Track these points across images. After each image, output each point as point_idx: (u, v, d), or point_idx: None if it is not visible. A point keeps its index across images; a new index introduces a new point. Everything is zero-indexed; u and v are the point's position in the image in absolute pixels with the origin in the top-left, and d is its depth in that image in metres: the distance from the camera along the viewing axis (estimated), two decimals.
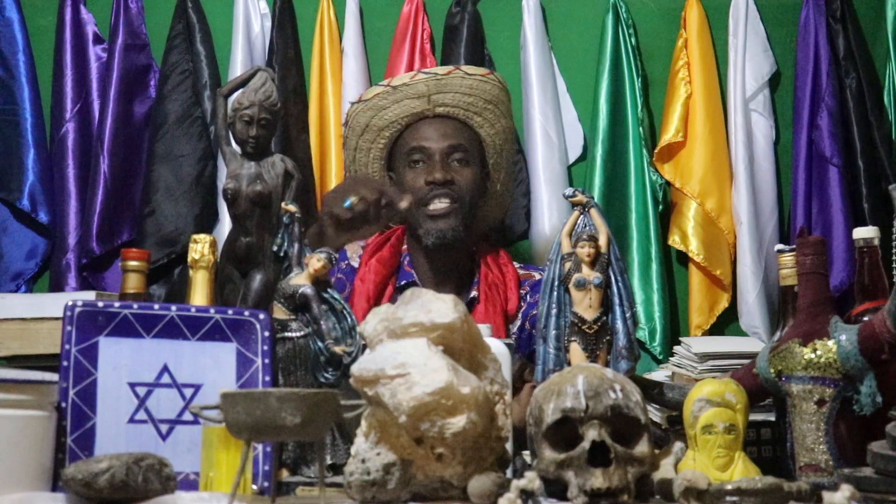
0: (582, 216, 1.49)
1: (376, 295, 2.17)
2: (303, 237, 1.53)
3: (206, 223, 2.83)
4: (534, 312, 2.15)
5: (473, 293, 2.20)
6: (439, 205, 2.16)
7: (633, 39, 2.91)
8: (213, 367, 1.41)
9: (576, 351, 1.44)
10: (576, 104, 2.96)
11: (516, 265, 2.31)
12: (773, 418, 1.57)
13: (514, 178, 2.38)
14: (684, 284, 2.90)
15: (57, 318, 1.44)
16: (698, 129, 2.86)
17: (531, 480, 1.13)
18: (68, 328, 1.36)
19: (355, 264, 2.25)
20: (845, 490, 1.07)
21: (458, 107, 2.21)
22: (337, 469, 1.40)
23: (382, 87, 2.23)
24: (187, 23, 2.92)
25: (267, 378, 1.42)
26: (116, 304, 1.40)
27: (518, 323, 2.21)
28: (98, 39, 2.96)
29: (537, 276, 2.26)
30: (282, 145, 2.68)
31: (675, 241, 2.85)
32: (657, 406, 1.62)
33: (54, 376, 1.29)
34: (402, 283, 2.21)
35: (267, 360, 1.42)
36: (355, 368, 1.21)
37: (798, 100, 2.88)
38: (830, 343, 1.38)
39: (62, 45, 2.94)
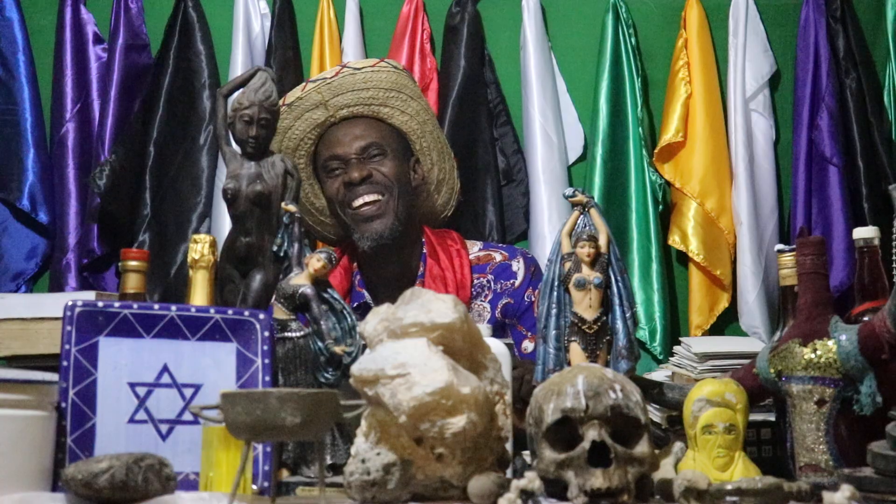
0: (582, 216, 1.49)
1: None
2: (303, 237, 1.53)
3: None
4: (505, 301, 2.13)
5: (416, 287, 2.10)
6: (365, 201, 2.09)
7: (633, 39, 2.91)
8: (213, 367, 1.41)
9: (576, 351, 1.44)
10: (576, 104, 2.96)
11: (476, 246, 2.22)
12: (773, 418, 1.57)
13: (452, 159, 2.26)
14: (684, 284, 2.90)
15: (57, 318, 1.44)
16: (698, 129, 2.86)
17: (531, 480, 1.13)
18: (68, 328, 1.35)
19: None
20: (845, 490, 1.07)
21: (360, 104, 2.13)
22: (337, 469, 1.40)
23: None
24: (187, 22, 2.92)
25: (267, 378, 1.42)
26: (116, 304, 1.40)
27: (487, 315, 2.12)
28: (98, 39, 2.96)
29: (498, 259, 2.18)
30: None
31: (675, 241, 2.85)
32: (657, 406, 1.62)
33: (54, 376, 1.29)
34: (355, 304, 2.14)
35: (267, 360, 1.42)
36: (355, 368, 1.21)
37: (798, 100, 2.88)
38: (830, 343, 1.38)
39: (62, 45, 2.94)
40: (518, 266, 2.17)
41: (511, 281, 2.15)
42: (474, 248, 2.21)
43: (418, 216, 2.22)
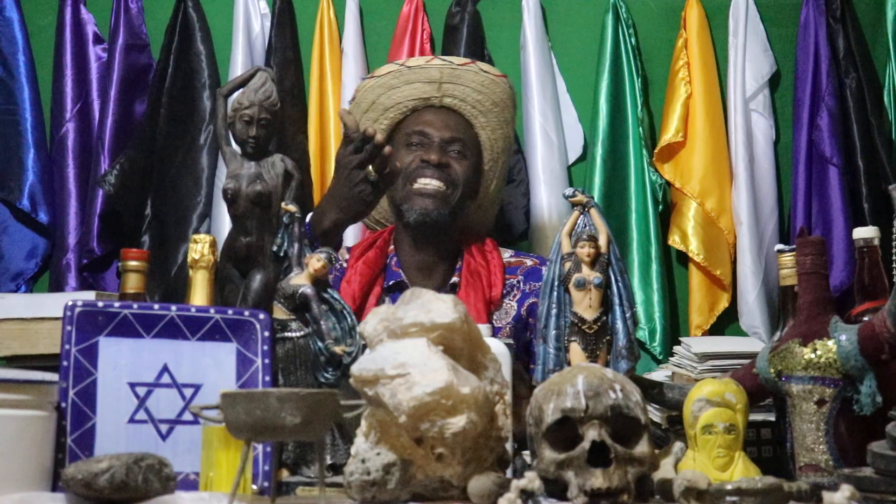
0: (582, 216, 1.49)
1: (362, 296, 2.14)
2: (303, 237, 1.53)
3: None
4: (532, 300, 2.16)
5: (454, 279, 2.18)
6: (429, 185, 2.13)
7: (633, 39, 2.91)
8: (213, 367, 1.41)
9: (576, 351, 1.44)
10: (576, 104, 2.96)
11: (508, 252, 2.28)
12: (773, 418, 1.57)
13: (504, 191, 2.36)
14: (684, 284, 2.90)
15: (57, 318, 1.44)
16: (698, 129, 2.86)
17: (531, 480, 1.13)
18: (68, 328, 1.35)
19: (343, 264, 2.22)
20: (845, 490, 1.07)
21: (466, 101, 2.20)
22: (337, 469, 1.40)
23: (397, 65, 2.22)
24: (187, 23, 2.92)
25: (267, 378, 1.42)
26: (116, 304, 1.40)
27: (513, 312, 2.17)
28: (98, 39, 2.96)
29: (529, 263, 2.24)
30: (278, 146, 2.68)
31: (675, 241, 2.85)
32: (657, 406, 1.62)
33: (54, 376, 1.29)
34: (391, 282, 2.19)
35: (267, 360, 1.42)
36: (355, 368, 1.21)
37: (798, 100, 2.88)
38: (830, 343, 1.38)
39: (62, 45, 2.94)
40: None
41: (540, 283, 2.17)
42: (506, 254, 2.27)
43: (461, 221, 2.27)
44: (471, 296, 2.12)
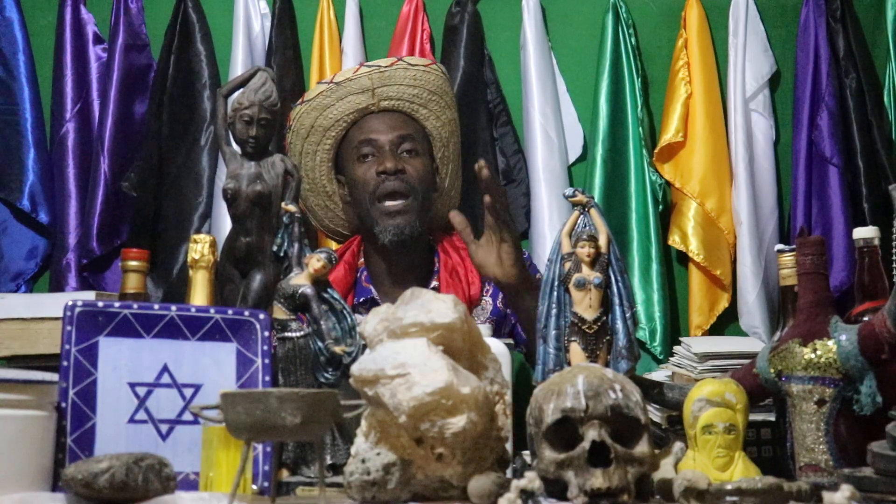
0: (582, 216, 1.49)
1: None
2: (303, 237, 1.53)
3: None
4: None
5: (434, 283, 2.15)
6: (395, 205, 2.11)
7: (633, 39, 2.91)
8: (213, 367, 1.41)
9: (576, 351, 1.44)
10: (576, 104, 2.96)
11: None
12: (773, 418, 1.57)
13: (461, 173, 2.31)
14: (684, 284, 2.90)
15: (57, 318, 1.44)
16: (698, 129, 2.86)
17: (531, 480, 1.13)
18: (68, 328, 1.35)
19: None
20: (845, 490, 1.07)
21: (403, 99, 2.17)
22: (337, 469, 1.40)
23: (325, 84, 2.17)
24: (187, 23, 2.92)
25: (267, 378, 1.42)
26: (116, 304, 1.40)
27: (490, 307, 2.15)
28: (98, 39, 2.96)
29: None
30: (278, 145, 2.68)
31: (675, 241, 2.85)
32: (657, 406, 1.61)
33: (54, 376, 1.29)
34: (361, 299, 2.15)
35: (267, 360, 1.42)
36: (355, 368, 1.21)
37: (798, 100, 2.88)
38: (830, 343, 1.38)
39: (62, 45, 2.94)
40: None
41: None
42: None
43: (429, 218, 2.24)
44: None
